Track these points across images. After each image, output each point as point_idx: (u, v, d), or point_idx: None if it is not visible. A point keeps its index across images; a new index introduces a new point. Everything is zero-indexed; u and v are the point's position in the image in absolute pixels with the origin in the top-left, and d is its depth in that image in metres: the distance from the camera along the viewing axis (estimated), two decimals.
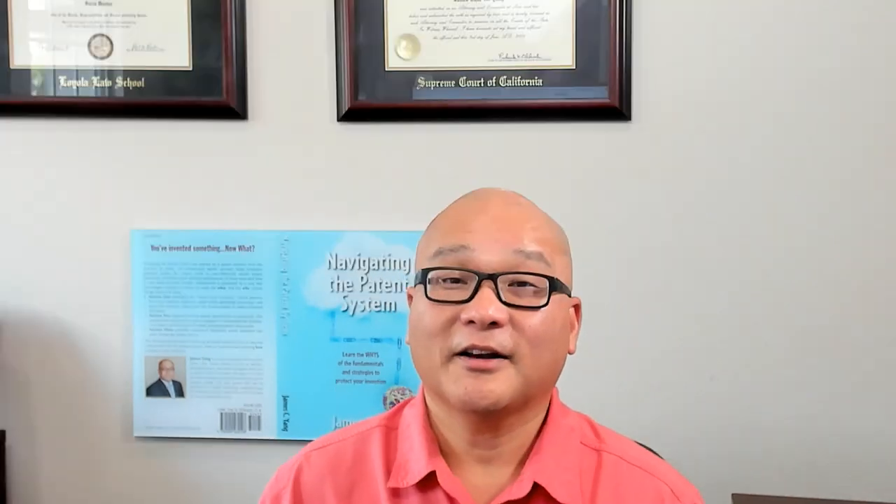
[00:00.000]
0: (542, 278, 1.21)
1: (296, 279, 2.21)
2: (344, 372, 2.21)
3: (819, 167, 2.13)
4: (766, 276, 2.15)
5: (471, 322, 1.18)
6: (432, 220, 1.30)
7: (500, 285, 1.19)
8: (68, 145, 2.27)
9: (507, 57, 2.15)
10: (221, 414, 2.24)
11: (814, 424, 2.14)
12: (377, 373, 2.21)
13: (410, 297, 1.28)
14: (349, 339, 2.21)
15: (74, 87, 2.23)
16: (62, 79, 2.23)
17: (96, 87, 2.23)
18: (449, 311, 1.20)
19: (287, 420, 2.22)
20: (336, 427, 2.17)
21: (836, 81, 2.11)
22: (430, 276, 1.22)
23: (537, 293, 1.21)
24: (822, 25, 2.11)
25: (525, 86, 2.15)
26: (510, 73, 2.15)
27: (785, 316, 2.14)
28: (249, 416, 2.23)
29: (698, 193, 2.15)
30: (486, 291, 1.18)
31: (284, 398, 2.22)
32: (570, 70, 2.14)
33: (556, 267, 1.23)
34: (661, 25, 2.13)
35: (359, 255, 2.21)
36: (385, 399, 2.20)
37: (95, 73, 2.23)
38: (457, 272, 1.21)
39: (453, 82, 2.16)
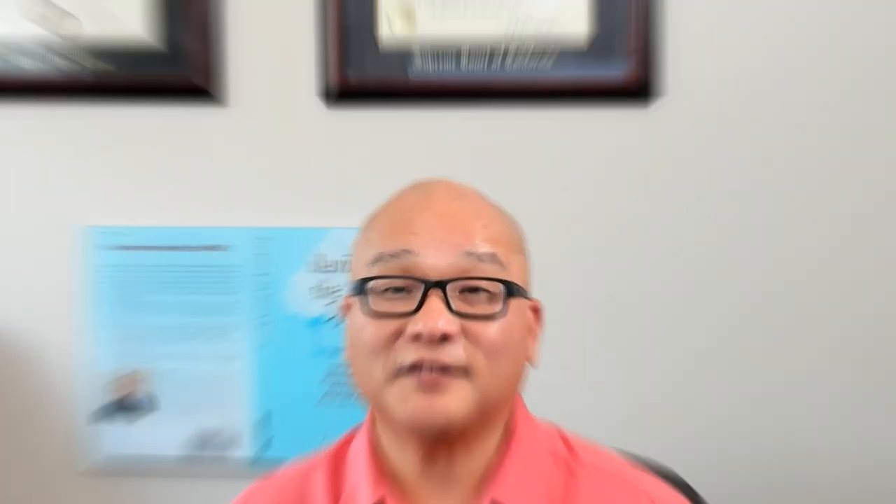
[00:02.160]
0: (496, 283, 1.17)
1: (276, 283, 2.12)
2: (330, 387, 2.11)
3: (878, 159, 2.02)
4: (811, 276, 2.04)
5: (418, 336, 1.13)
6: (369, 218, 1.26)
7: (449, 293, 1.15)
8: (9, 132, 2.14)
9: (515, 30, 2.05)
10: (190, 436, 2.12)
11: (862, 448, 2.04)
12: None
13: (348, 308, 1.23)
14: (336, 351, 2.09)
15: (14, 63, 2.09)
16: None
17: (43, 63, 2.09)
18: (392, 324, 1.16)
19: (266, 442, 2.12)
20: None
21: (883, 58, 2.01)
22: (369, 285, 1.17)
23: (492, 299, 1.17)
24: None
25: (535, 63, 2.05)
26: (518, 48, 2.05)
27: (831, 324, 2.04)
28: (223, 439, 2.12)
29: (732, 186, 2.05)
30: (435, 301, 1.14)
31: (263, 417, 2.12)
32: (587, 45, 2.04)
33: (511, 268, 1.19)
34: None
35: (347, 255, 2.05)
36: None
37: (41, 46, 2.09)
38: (400, 280, 1.16)
39: (454, 59, 2.07)
